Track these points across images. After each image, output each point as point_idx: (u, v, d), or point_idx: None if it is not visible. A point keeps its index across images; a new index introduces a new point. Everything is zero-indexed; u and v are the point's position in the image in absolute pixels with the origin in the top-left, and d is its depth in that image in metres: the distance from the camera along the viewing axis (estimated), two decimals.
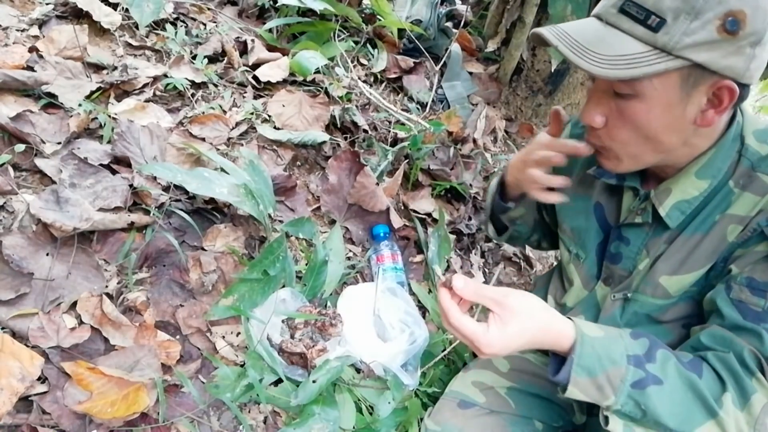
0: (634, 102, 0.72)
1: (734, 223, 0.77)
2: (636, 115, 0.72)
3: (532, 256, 1.65)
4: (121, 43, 1.39)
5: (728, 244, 0.77)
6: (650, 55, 0.67)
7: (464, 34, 2.01)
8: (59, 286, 0.93)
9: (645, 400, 0.71)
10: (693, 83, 0.69)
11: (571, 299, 1.00)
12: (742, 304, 0.75)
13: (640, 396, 0.71)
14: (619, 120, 0.75)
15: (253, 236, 1.19)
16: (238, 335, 1.03)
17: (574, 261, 0.99)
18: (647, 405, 0.71)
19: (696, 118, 0.72)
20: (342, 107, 1.50)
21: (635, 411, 0.72)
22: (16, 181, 1.00)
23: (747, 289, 0.75)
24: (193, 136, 1.26)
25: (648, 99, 0.71)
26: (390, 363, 1.05)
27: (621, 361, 0.72)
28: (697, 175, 0.79)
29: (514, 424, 0.97)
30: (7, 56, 1.17)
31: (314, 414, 0.94)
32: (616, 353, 0.72)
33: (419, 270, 1.40)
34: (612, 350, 0.73)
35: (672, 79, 0.69)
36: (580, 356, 0.71)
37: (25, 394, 0.80)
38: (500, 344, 0.70)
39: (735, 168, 0.78)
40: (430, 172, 1.56)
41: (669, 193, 0.81)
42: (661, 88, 0.69)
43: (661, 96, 0.70)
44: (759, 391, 0.71)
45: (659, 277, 0.84)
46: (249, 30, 1.64)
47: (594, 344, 0.72)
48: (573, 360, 0.71)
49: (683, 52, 0.66)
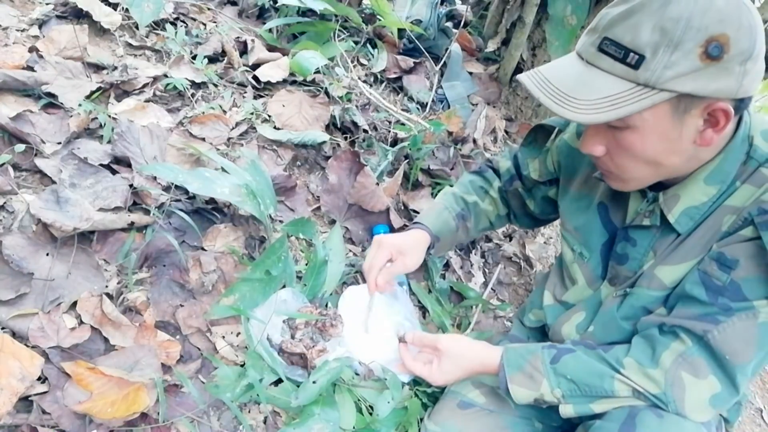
0: (628, 133, 0.72)
1: (729, 213, 0.77)
2: (632, 145, 0.73)
3: (532, 256, 1.65)
4: (121, 43, 1.39)
5: (721, 233, 0.77)
6: (634, 92, 0.66)
7: (464, 34, 2.01)
8: (59, 286, 0.93)
9: (565, 369, 0.83)
10: (684, 109, 0.68)
11: (573, 297, 1.00)
12: (707, 276, 0.77)
13: (562, 368, 0.84)
14: (617, 149, 0.75)
15: (253, 236, 1.19)
16: (238, 335, 1.03)
17: (578, 260, 0.99)
18: (571, 373, 0.83)
19: (695, 139, 0.72)
20: (342, 107, 1.51)
21: (570, 386, 0.83)
22: (16, 181, 1.00)
23: (715, 262, 0.76)
24: (193, 136, 1.26)
25: (641, 130, 0.71)
26: (387, 362, 1.05)
27: (536, 349, 0.88)
28: (706, 181, 0.78)
29: (513, 425, 0.97)
30: (7, 56, 1.17)
31: (314, 414, 0.94)
32: (534, 347, 0.89)
33: (419, 270, 1.40)
34: (530, 347, 0.89)
35: (662, 110, 0.68)
36: (507, 359, 0.89)
37: (25, 394, 0.80)
38: (442, 378, 0.96)
39: (743, 169, 0.77)
40: (430, 172, 1.56)
41: (677, 199, 0.81)
42: (652, 119, 0.69)
43: (653, 126, 0.70)
44: (670, 348, 0.77)
45: (655, 268, 0.84)
46: (249, 30, 1.64)
47: (516, 348, 0.90)
48: (503, 364, 0.88)
49: (667, 85, 0.65)
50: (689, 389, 0.75)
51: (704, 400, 0.76)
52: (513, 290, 1.56)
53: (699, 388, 0.75)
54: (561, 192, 1.05)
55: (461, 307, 1.36)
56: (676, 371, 0.76)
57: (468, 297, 1.38)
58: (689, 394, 0.75)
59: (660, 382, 0.77)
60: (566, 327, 0.98)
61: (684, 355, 0.76)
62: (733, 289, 0.74)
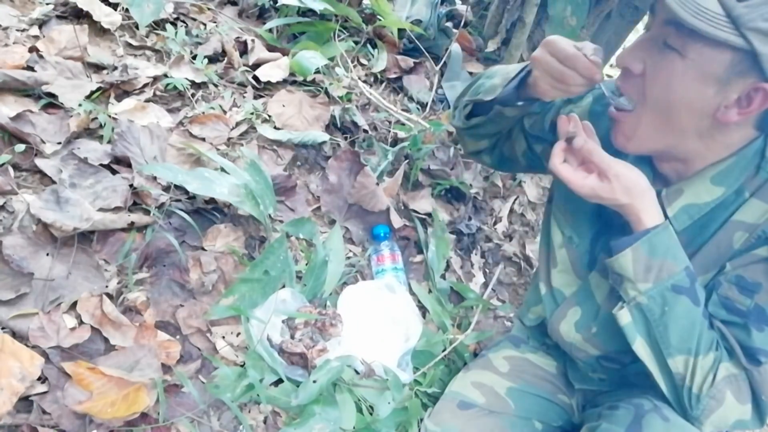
0: (677, 58, 0.68)
1: (741, 230, 0.76)
2: (672, 73, 0.69)
3: (532, 256, 1.65)
4: (121, 43, 1.39)
5: (733, 251, 0.77)
6: (720, 18, 0.63)
7: (464, 34, 2.01)
8: (59, 286, 0.93)
9: (673, 304, 0.74)
10: (738, 71, 0.66)
11: (559, 281, 0.98)
12: (729, 301, 0.76)
13: (672, 298, 0.74)
14: (654, 72, 0.72)
15: (253, 236, 1.19)
16: (238, 335, 1.03)
17: (567, 245, 0.97)
18: (670, 310, 0.75)
19: (719, 110, 0.70)
20: (342, 107, 1.51)
21: (655, 309, 0.75)
22: (16, 181, 1.00)
23: (735, 287, 0.75)
24: (193, 136, 1.26)
25: (690, 61, 0.68)
26: (387, 361, 1.05)
27: (681, 262, 0.75)
28: (713, 180, 0.77)
29: (513, 425, 0.97)
30: (7, 56, 1.17)
31: (314, 414, 0.94)
32: (681, 256, 0.76)
33: (419, 270, 1.40)
34: (679, 252, 0.76)
35: (722, 56, 0.66)
36: (656, 234, 0.75)
37: (25, 394, 0.80)
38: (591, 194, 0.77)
39: (751, 180, 0.76)
40: (430, 172, 1.56)
41: (680, 194, 0.80)
42: (708, 58, 0.67)
43: (703, 65, 0.67)
44: (731, 362, 0.75)
45: None
46: (249, 30, 1.64)
47: (671, 236, 0.76)
48: (650, 232, 0.75)
49: (749, 34, 0.63)
50: (725, 408, 0.75)
51: (730, 421, 0.76)
52: (513, 290, 1.56)
53: (734, 410, 0.75)
54: None
55: (461, 307, 1.36)
56: (724, 387, 0.75)
57: (468, 297, 1.38)
58: (722, 412, 0.75)
59: (704, 389, 0.75)
60: (564, 325, 0.96)
61: (737, 377, 0.75)
62: (757, 313, 0.73)
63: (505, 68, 0.95)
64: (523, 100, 0.90)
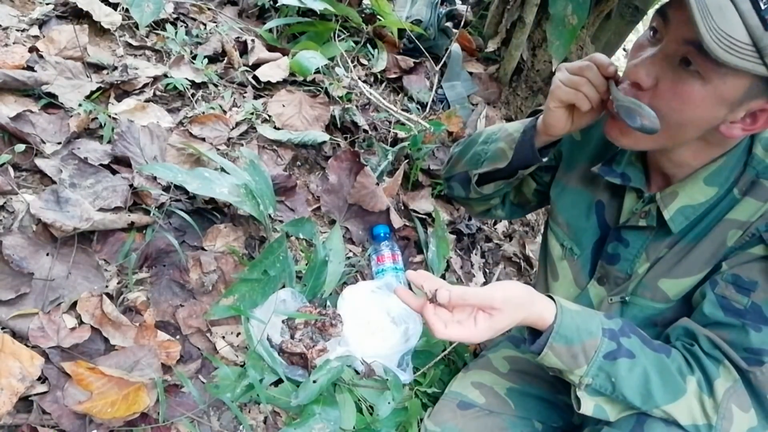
0: (696, 82, 0.67)
1: (735, 228, 0.77)
2: (691, 94, 0.67)
3: (532, 256, 1.65)
4: (121, 43, 1.39)
5: (727, 248, 0.77)
6: (747, 49, 0.61)
7: (464, 34, 2.01)
8: (59, 286, 0.93)
9: (615, 372, 0.74)
10: (753, 95, 0.66)
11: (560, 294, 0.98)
12: (725, 300, 0.76)
13: (611, 367, 0.74)
14: (669, 90, 0.69)
15: (253, 236, 1.19)
16: (238, 335, 1.03)
17: (568, 257, 0.97)
18: (617, 377, 0.74)
19: (725, 125, 0.70)
20: (342, 107, 1.51)
21: (605, 384, 0.75)
22: (16, 181, 1.00)
23: (732, 286, 0.75)
24: (193, 136, 1.26)
25: (711, 87, 0.66)
26: (387, 361, 1.05)
27: (597, 332, 0.75)
28: (706, 181, 0.78)
29: (513, 425, 0.97)
30: (7, 56, 1.17)
31: (314, 414, 0.94)
32: (593, 326, 0.76)
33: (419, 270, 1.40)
34: (589, 323, 0.76)
35: (742, 82, 0.65)
36: (560, 325, 0.75)
37: (25, 394, 0.80)
38: (489, 334, 0.74)
39: (740, 177, 0.77)
40: (430, 172, 1.56)
41: (675, 196, 0.80)
42: (729, 85, 0.66)
43: (723, 91, 0.66)
44: (722, 376, 0.74)
45: (659, 280, 0.83)
46: (249, 30, 1.64)
47: (573, 316, 0.76)
48: (554, 329, 0.75)
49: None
50: (736, 423, 0.74)
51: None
52: None
53: (742, 420, 0.74)
54: (555, 183, 1.02)
55: None
56: (728, 403, 0.74)
57: None
58: (734, 427, 0.74)
59: (712, 416, 0.74)
60: None
61: (735, 387, 0.74)
62: (754, 311, 0.73)
63: (502, 129, 0.96)
64: (543, 149, 0.90)
